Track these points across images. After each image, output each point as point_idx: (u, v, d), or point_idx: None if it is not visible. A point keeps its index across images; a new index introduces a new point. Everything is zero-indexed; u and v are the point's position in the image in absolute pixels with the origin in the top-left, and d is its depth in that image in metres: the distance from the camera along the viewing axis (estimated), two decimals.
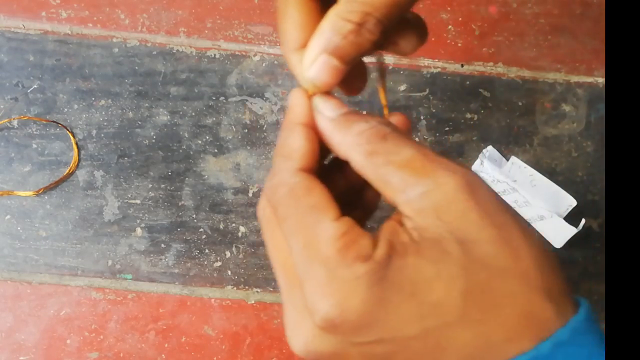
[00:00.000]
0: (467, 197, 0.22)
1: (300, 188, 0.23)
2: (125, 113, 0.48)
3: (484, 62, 0.50)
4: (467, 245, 0.21)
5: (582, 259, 0.48)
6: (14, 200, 0.47)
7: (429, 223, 0.22)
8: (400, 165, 0.23)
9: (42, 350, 0.45)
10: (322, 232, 0.22)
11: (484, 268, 0.21)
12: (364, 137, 0.23)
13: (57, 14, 0.49)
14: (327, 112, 0.25)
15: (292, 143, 0.24)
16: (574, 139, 0.49)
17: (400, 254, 0.22)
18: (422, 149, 0.23)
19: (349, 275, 0.21)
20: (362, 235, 0.22)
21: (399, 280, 0.21)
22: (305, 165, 0.24)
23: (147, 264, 0.46)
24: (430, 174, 0.22)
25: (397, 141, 0.23)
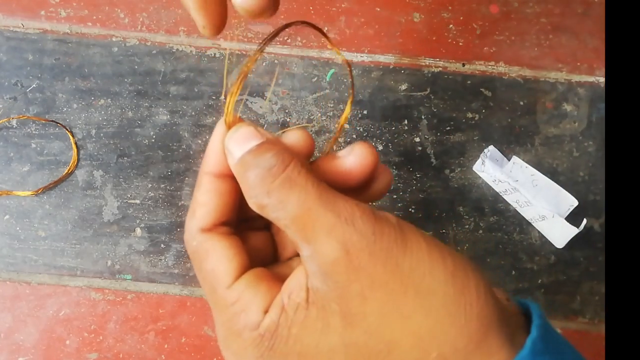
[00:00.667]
0: (345, 269, 0.21)
1: (199, 252, 0.24)
2: (125, 112, 0.48)
3: (485, 62, 0.50)
4: (350, 318, 0.21)
5: (583, 259, 0.47)
6: (12, 200, 0.46)
7: (319, 287, 0.21)
8: (287, 223, 0.22)
9: (41, 351, 0.45)
10: (219, 299, 0.23)
11: (366, 342, 0.21)
12: (252, 190, 0.22)
13: (57, 12, 0.49)
14: (235, 151, 0.23)
15: (197, 197, 0.24)
16: (575, 138, 0.49)
17: (287, 323, 0.22)
18: (307, 201, 0.21)
19: (240, 345, 0.22)
20: (253, 301, 0.22)
21: (284, 352, 0.22)
22: (207, 223, 0.24)
23: (146, 264, 0.46)
24: (310, 240, 0.21)
25: (281, 195, 0.22)
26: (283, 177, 0.22)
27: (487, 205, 0.48)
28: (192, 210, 0.25)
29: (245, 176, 0.22)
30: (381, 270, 0.21)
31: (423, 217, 0.48)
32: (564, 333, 0.47)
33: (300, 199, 0.21)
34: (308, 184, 0.22)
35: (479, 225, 0.48)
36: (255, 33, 0.50)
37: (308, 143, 0.25)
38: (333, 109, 0.49)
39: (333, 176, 0.24)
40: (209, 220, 0.24)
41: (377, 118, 0.49)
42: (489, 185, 0.48)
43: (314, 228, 0.21)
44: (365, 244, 0.21)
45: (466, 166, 0.48)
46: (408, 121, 0.49)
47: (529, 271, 0.47)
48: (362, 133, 0.48)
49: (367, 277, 0.21)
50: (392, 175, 0.25)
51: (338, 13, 0.50)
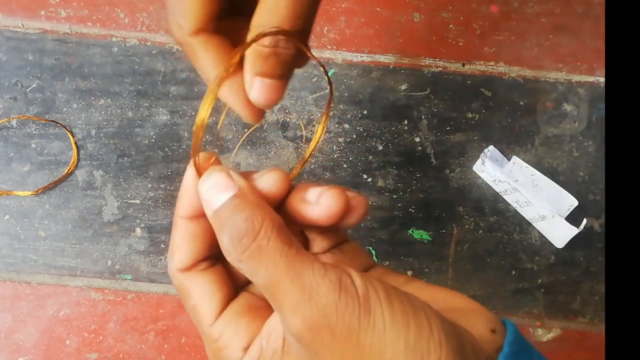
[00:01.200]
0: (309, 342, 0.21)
1: (181, 290, 0.25)
2: (125, 112, 0.48)
3: (485, 62, 0.50)
4: None
5: (583, 259, 0.47)
6: (12, 200, 0.46)
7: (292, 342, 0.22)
8: (259, 288, 0.23)
9: (41, 351, 0.45)
10: (204, 335, 0.24)
11: None
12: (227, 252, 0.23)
13: (57, 12, 0.49)
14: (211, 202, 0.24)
15: (175, 240, 0.26)
16: (575, 138, 0.49)
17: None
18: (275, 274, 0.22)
19: None
20: (233, 340, 0.24)
21: None
22: (187, 263, 0.25)
23: (146, 264, 0.46)
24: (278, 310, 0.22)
25: (252, 263, 0.22)
26: (253, 248, 0.22)
27: (487, 205, 0.48)
28: (171, 251, 0.26)
29: (220, 236, 0.23)
30: (342, 349, 0.21)
31: (423, 217, 0.48)
32: (564, 333, 0.47)
33: (268, 271, 0.22)
34: (276, 254, 0.22)
35: (479, 225, 0.48)
36: None
37: (283, 187, 0.25)
38: (333, 109, 0.49)
39: (302, 218, 0.25)
40: (187, 261, 0.25)
41: (377, 118, 0.49)
42: (489, 185, 0.48)
43: (281, 302, 0.22)
44: (326, 323, 0.21)
45: (466, 166, 0.48)
46: (408, 121, 0.49)
47: (529, 271, 0.47)
48: (362, 133, 0.48)
49: (330, 353, 0.21)
50: (368, 206, 0.26)
51: (338, 13, 0.50)
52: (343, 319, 0.21)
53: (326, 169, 0.48)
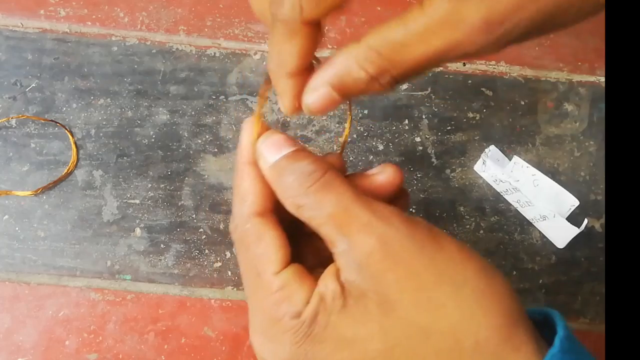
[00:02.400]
0: (381, 259, 0.22)
1: (250, 235, 0.25)
2: (125, 112, 0.48)
3: (486, 61, 0.50)
4: (387, 305, 0.22)
5: (584, 259, 0.47)
6: (12, 200, 0.46)
7: (354, 278, 0.23)
8: (323, 221, 0.23)
9: (41, 352, 0.44)
10: (264, 284, 0.24)
11: (403, 328, 0.22)
12: (289, 191, 0.24)
13: (56, 12, 0.49)
14: (268, 156, 0.25)
15: (244, 185, 0.26)
16: (576, 138, 0.49)
17: (326, 311, 0.23)
18: (344, 201, 0.23)
19: (278, 330, 0.23)
20: (298, 290, 0.23)
21: (322, 338, 0.23)
22: (259, 208, 0.25)
23: (146, 264, 0.46)
24: (346, 234, 0.23)
25: (319, 195, 0.23)
26: (322, 181, 0.24)
27: (488, 205, 0.48)
28: (240, 197, 0.25)
29: (281, 179, 0.24)
30: (416, 262, 0.22)
31: (424, 217, 0.48)
32: None
33: (337, 199, 0.23)
34: (344, 187, 0.24)
35: (480, 225, 0.48)
36: (256, 32, 0.50)
37: (340, 165, 0.27)
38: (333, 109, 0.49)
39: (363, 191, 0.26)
40: (261, 205, 0.25)
41: (378, 118, 0.49)
42: (490, 185, 0.48)
43: (351, 224, 0.23)
44: (400, 238, 0.22)
45: (467, 166, 0.48)
46: (409, 121, 0.49)
47: (530, 271, 0.47)
48: (363, 133, 0.48)
49: (402, 268, 0.22)
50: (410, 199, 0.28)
51: (338, 12, 0.50)
52: (415, 237, 0.23)
53: None
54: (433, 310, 0.22)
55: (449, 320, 0.22)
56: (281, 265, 0.24)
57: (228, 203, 0.47)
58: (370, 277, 0.22)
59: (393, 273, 0.22)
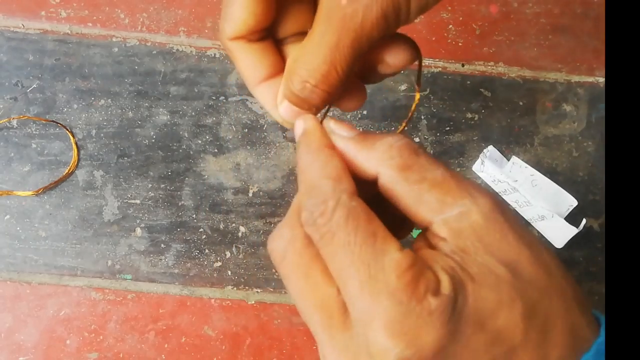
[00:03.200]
0: (503, 219, 0.22)
1: (361, 214, 0.21)
2: (125, 113, 0.48)
3: (484, 62, 0.50)
4: (513, 266, 0.21)
5: (583, 259, 0.47)
6: (13, 200, 0.46)
7: (468, 245, 0.21)
8: (434, 183, 0.22)
9: (42, 351, 0.45)
10: (389, 263, 0.20)
11: (533, 289, 0.21)
12: (395, 150, 0.23)
13: (57, 13, 0.49)
14: (344, 133, 0.24)
15: (339, 164, 0.23)
16: (574, 138, 0.49)
17: (461, 285, 0.20)
18: (451, 169, 0.23)
19: (422, 311, 0.20)
20: (426, 268, 0.21)
21: (467, 313, 0.20)
22: (357, 191, 0.22)
23: (146, 264, 0.46)
24: (466, 194, 0.22)
25: (429, 158, 0.23)
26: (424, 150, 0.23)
27: None
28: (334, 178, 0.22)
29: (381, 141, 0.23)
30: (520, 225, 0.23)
31: None
32: None
33: (443, 164, 0.23)
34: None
35: None
36: None
37: None
38: (333, 109, 0.49)
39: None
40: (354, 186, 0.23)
41: (377, 118, 0.49)
42: (489, 185, 0.48)
43: (467, 185, 0.22)
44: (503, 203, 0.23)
45: (466, 166, 0.49)
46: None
47: None
48: None
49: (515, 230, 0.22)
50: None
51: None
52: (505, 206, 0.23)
53: None
54: (545, 270, 0.22)
55: (556, 280, 0.22)
56: (399, 242, 0.21)
57: (228, 203, 0.47)
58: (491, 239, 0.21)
59: (512, 234, 0.22)
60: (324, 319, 0.22)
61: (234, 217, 0.47)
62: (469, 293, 0.20)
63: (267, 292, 0.46)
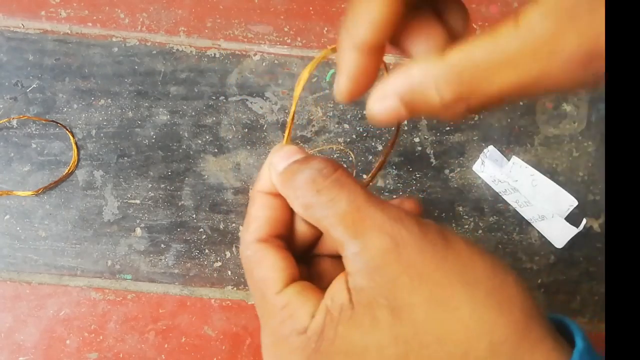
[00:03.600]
0: (395, 260, 0.21)
1: (251, 261, 0.25)
2: (125, 113, 0.48)
3: None
4: (399, 311, 0.21)
5: (583, 259, 0.47)
6: (13, 200, 0.46)
7: (364, 284, 0.22)
8: (334, 220, 0.23)
9: (42, 351, 0.45)
10: (268, 306, 0.24)
11: (416, 334, 0.21)
12: (300, 191, 0.24)
13: (57, 13, 0.49)
14: (279, 164, 0.25)
15: (252, 212, 0.26)
16: (575, 138, 0.49)
17: (333, 323, 0.22)
18: (356, 200, 0.23)
19: (286, 349, 0.23)
20: (302, 306, 0.23)
21: (331, 352, 0.22)
22: (262, 235, 0.25)
23: (146, 264, 0.46)
24: (359, 234, 0.22)
25: (331, 194, 0.23)
26: (333, 178, 0.23)
27: (487, 205, 0.48)
28: (246, 224, 0.26)
29: (291, 181, 0.24)
30: (428, 263, 0.22)
31: (423, 217, 0.48)
32: None
33: (350, 197, 0.23)
34: (356, 186, 0.23)
35: (479, 225, 0.48)
36: (256, 33, 0.50)
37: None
38: (333, 109, 0.49)
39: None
40: (263, 231, 0.26)
41: None
42: (489, 185, 0.48)
43: (364, 224, 0.22)
44: (412, 238, 0.22)
45: (466, 166, 0.49)
46: (408, 121, 0.49)
47: (529, 271, 0.47)
48: (362, 133, 0.49)
49: (415, 270, 0.21)
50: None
51: (338, 13, 0.50)
52: (427, 237, 0.22)
53: None
54: (447, 313, 0.21)
55: (462, 323, 0.21)
56: (283, 284, 0.24)
57: (228, 203, 0.47)
58: (383, 282, 0.21)
59: (406, 276, 0.21)
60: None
61: (234, 217, 0.47)
62: (338, 335, 0.22)
63: None
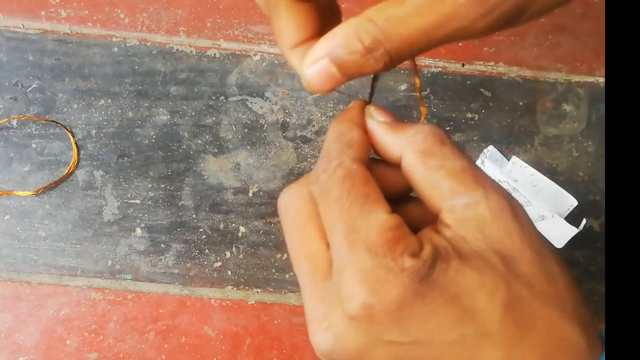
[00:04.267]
0: (511, 218, 0.22)
1: (359, 175, 0.23)
2: (125, 113, 0.48)
3: (484, 62, 0.50)
4: (509, 261, 0.21)
5: (583, 259, 0.47)
6: (13, 200, 0.46)
7: (469, 234, 0.22)
8: (452, 171, 0.22)
9: (42, 351, 0.45)
10: (374, 221, 0.21)
11: (524, 286, 0.21)
12: (420, 136, 0.23)
13: (57, 13, 0.49)
14: (380, 117, 0.25)
15: (354, 135, 0.24)
16: (575, 138, 0.49)
17: (444, 258, 0.21)
18: (470, 161, 0.23)
19: (394, 267, 0.20)
20: (411, 234, 0.22)
21: (443, 283, 0.21)
22: (364, 159, 0.24)
23: (146, 264, 0.46)
24: (480, 187, 0.22)
25: (454, 149, 0.23)
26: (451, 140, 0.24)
27: None
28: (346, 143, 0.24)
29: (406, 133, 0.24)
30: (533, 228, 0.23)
31: None
32: None
33: (466, 156, 0.23)
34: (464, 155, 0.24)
35: None
36: (256, 33, 0.50)
37: None
38: (333, 109, 0.49)
39: None
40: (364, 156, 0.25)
41: None
42: None
43: (484, 179, 0.22)
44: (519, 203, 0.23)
45: None
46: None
47: None
48: None
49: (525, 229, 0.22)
50: None
51: None
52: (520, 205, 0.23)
53: None
54: (547, 277, 0.22)
55: (558, 289, 0.22)
56: (390, 208, 0.22)
57: (228, 203, 0.47)
58: (494, 234, 0.22)
59: (518, 233, 0.22)
60: (310, 267, 0.23)
61: (234, 217, 0.47)
62: (451, 267, 0.21)
63: (267, 292, 0.46)
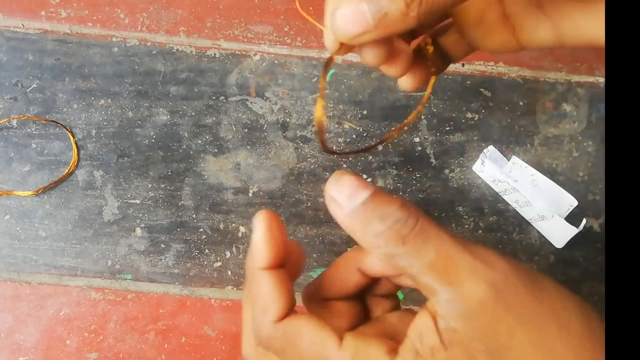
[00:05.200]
0: (493, 306, 0.21)
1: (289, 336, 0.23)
2: (125, 113, 0.48)
3: (484, 62, 0.50)
4: (498, 354, 0.21)
5: (583, 259, 0.47)
6: (13, 200, 0.46)
7: (458, 327, 0.21)
8: (422, 269, 0.22)
9: (42, 351, 0.45)
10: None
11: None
12: (382, 240, 0.22)
13: (57, 13, 0.49)
14: (345, 204, 0.23)
15: (263, 292, 0.24)
16: (575, 138, 0.49)
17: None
18: (445, 246, 0.22)
19: None
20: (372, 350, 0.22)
21: None
22: (283, 312, 0.24)
23: (146, 264, 0.46)
24: (454, 282, 0.21)
25: (418, 242, 0.22)
26: (418, 227, 0.22)
27: (487, 205, 0.48)
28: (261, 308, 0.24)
29: (369, 228, 0.22)
30: (525, 306, 0.21)
31: None
32: None
33: (437, 245, 0.22)
34: (442, 231, 0.22)
35: (479, 225, 0.48)
36: (256, 33, 0.50)
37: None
38: (333, 109, 0.49)
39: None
40: (283, 309, 0.24)
41: (377, 118, 0.49)
42: (489, 185, 0.48)
43: (457, 270, 0.21)
44: (508, 283, 0.22)
45: (466, 166, 0.49)
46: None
47: None
48: (362, 133, 0.49)
49: (514, 314, 0.21)
50: None
51: None
52: (519, 278, 0.22)
53: (326, 169, 0.48)
54: (544, 355, 0.21)
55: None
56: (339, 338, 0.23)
57: (228, 203, 0.47)
58: (480, 325, 0.21)
59: (505, 320, 0.21)
60: None
61: (234, 217, 0.47)
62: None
63: None
